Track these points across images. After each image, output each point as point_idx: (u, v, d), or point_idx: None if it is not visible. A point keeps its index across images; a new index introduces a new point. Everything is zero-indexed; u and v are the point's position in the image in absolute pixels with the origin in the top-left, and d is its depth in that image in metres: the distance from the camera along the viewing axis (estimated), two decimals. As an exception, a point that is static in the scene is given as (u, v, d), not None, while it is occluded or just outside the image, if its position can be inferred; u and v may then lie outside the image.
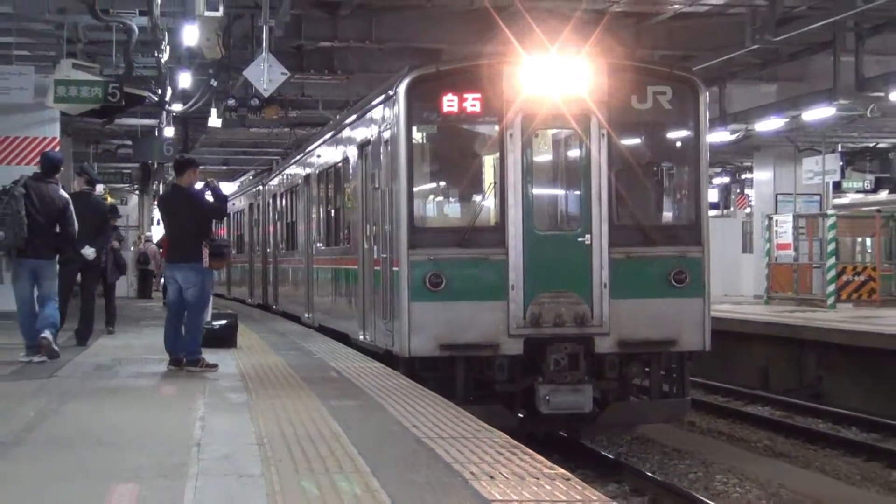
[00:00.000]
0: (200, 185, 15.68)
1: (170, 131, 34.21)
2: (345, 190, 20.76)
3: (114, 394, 12.90)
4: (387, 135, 16.44)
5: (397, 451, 9.12)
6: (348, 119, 20.47)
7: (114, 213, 20.52)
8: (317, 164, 24.09)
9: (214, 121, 31.48)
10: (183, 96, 30.68)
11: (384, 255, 16.62)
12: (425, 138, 16.25)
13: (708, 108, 16.79)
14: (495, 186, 15.64)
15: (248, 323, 23.84)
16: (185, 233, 15.18)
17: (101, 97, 24.05)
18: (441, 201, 16.98)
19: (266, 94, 22.23)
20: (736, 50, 24.15)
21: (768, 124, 32.78)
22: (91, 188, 18.90)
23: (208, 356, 15.18)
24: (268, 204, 33.17)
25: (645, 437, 18.61)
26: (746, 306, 34.55)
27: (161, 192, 35.01)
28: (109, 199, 33.56)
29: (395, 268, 15.81)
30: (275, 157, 44.08)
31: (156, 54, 24.84)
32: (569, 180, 16.31)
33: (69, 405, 11.89)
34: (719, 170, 53.98)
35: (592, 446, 17.39)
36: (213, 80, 27.90)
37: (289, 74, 20.97)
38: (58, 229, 15.84)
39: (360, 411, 11.32)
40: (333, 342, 19.64)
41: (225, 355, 16.49)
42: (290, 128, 37.42)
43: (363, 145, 18.45)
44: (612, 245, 15.52)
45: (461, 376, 15.33)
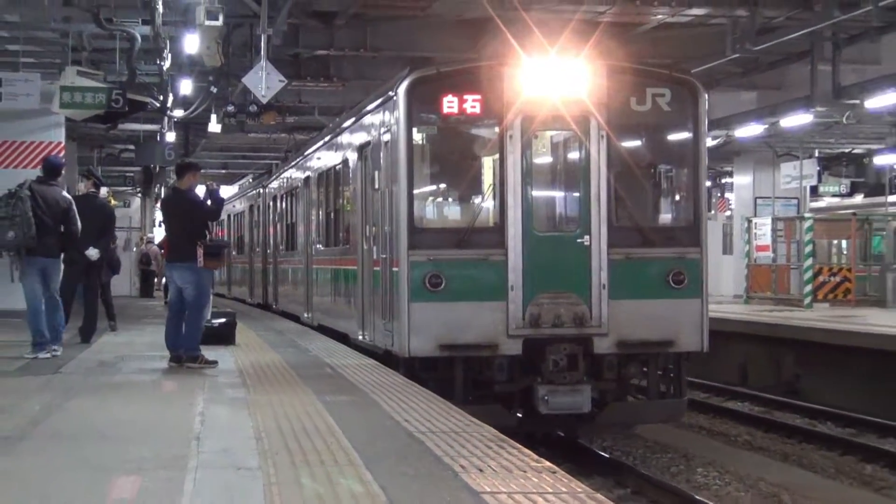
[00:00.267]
0: (202, 189, 15.67)
1: (171, 136, 34.15)
2: (344, 191, 20.40)
3: (116, 389, 12.89)
4: (387, 136, 16.12)
5: (390, 444, 9.12)
6: (348, 121, 20.12)
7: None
8: (316, 166, 23.71)
9: (214, 126, 31.41)
10: (184, 102, 30.69)
11: (384, 255, 16.28)
12: (425, 139, 15.91)
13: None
14: (495, 187, 15.30)
15: (247, 321, 23.81)
16: (181, 234, 15.28)
17: (105, 103, 24.01)
18: (441, 202, 16.64)
19: (264, 101, 22.19)
20: (717, 59, 24.17)
21: (748, 130, 32.82)
22: (96, 191, 18.92)
23: (208, 353, 15.16)
24: (268, 206, 32.91)
25: (629, 433, 18.50)
26: (726, 305, 34.54)
27: (163, 195, 34.97)
28: (113, 202, 33.50)
29: (394, 268, 15.48)
30: (273, 161, 43.99)
31: (158, 62, 24.83)
32: (568, 181, 16.00)
33: (73, 400, 11.89)
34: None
35: (583, 443, 17.15)
36: (212, 87, 27.90)
37: (286, 82, 20.97)
38: (62, 228, 16.03)
39: (354, 406, 11.31)
40: (329, 340, 19.61)
41: (224, 352, 16.48)
42: (288, 132, 37.39)
43: (363, 147, 18.13)
44: (611, 246, 15.20)
45: (460, 376, 14.98)
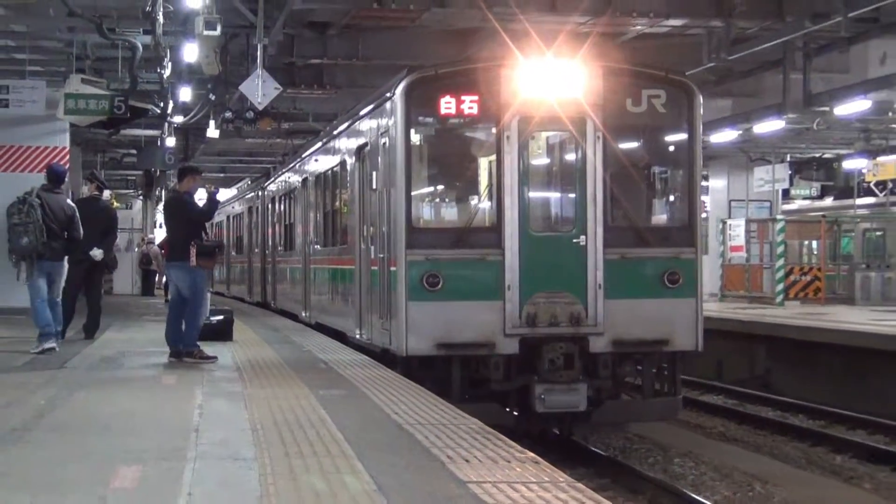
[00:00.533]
0: (203, 191, 15.62)
1: (171, 141, 34.14)
2: (342, 192, 19.97)
3: (119, 384, 12.88)
4: (385, 137, 15.68)
5: (380, 436, 9.13)
6: (345, 124, 19.65)
7: None
8: (314, 168, 23.29)
9: (213, 132, 31.37)
10: (183, 109, 30.69)
11: (381, 255, 15.84)
12: (423, 140, 15.42)
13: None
14: (492, 188, 14.88)
15: (245, 319, 23.76)
16: (176, 234, 15.45)
17: (108, 110, 24.04)
18: (438, 202, 16.21)
19: (260, 107, 22.22)
20: (693, 68, 24.12)
21: (723, 136, 32.81)
22: (99, 193, 18.92)
23: (206, 349, 15.16)
24: (266, 207, 32.60)
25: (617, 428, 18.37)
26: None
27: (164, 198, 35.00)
28: (115, 204, 33.47)
29: (392, 268, 15.08)
30: (269, 165, 43.97)
31: (158, 70, 24.82)
32: (564, 182, 15.54)
33: (77, 394, 11.87)
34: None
35: (578, 440, 16.68)
36: (211, 94, 27.90)
37: (281, 89, 20.97)
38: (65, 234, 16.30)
39: (345, 400, 11.32)
40: (323, 336, 19.57)
41: (222, 348, 16.46)
42: (284, 138, 37.29)
43: (360, 148, 17.68)
44: (606, 246, 14.74)
45: (457, 375, 14.54)
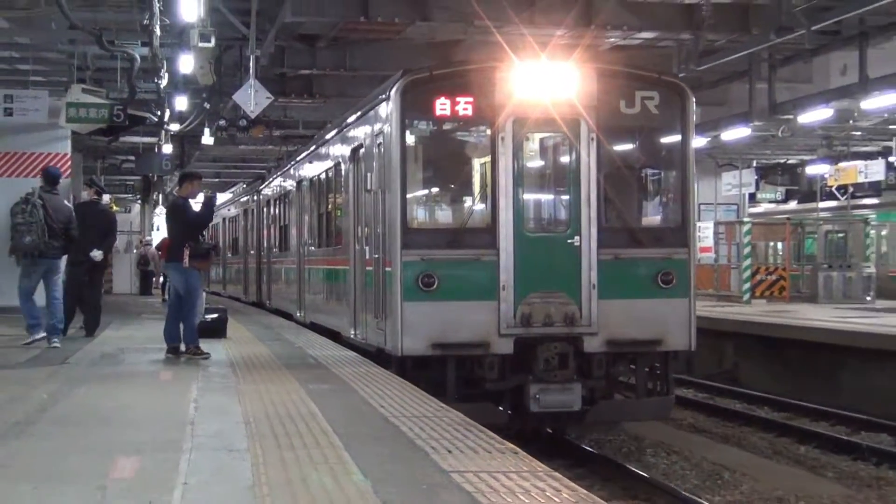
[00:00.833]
0: (202, 196, 15.56)
1: (168, 148, 34.12)
2: (337, 193, 19.30)
3: (118, 379, 12.86)
4: (380, 138, 15.03)
5: (367, 428, 9.13)
6: (340, 126, 18.98)
7: None
8: (309, 170, 22.71)
9: (207, 139, 31.39)
10: (179, 117, 30.73)
11: (376, 255, 15.19)
12: (418, 141, 14.78)
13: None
14: (487, 188, 14.28)
15: (239, 317, 23.72)
16: (173, 236, 15.37)
17: (108, 118, 24.01)
18: (433, 203, 15.47)
19: (253, 116, 22.25)
20: (664, 78, 24.24)
21: (693, 143, 32.85)
22: (99, 198, 18.88)
23: (201, 346, 15.08)
24: (262, 209, 32.07)
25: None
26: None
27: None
28: (115, 208, 33.42)
29: (387, 268, 14.41)
30: (261, 171, 43.94)
31: (155, 80, 24.80)
32: (558, 183, 14.91)
33: (79, 389, 11.85)
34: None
35: (571, 439, 16.16)
36: (206, 103, 27.96)
37: (273, 98, 20.99)
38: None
39: (334, 394, 11.31)
40: (313, 334, 19.52)
41: (216, 345, 16.41)
42: (281, 141, 37.24)
43: (356, 150, 16.98)
44: (600, 247, 14.17)
45: (452, 375, 13.89)
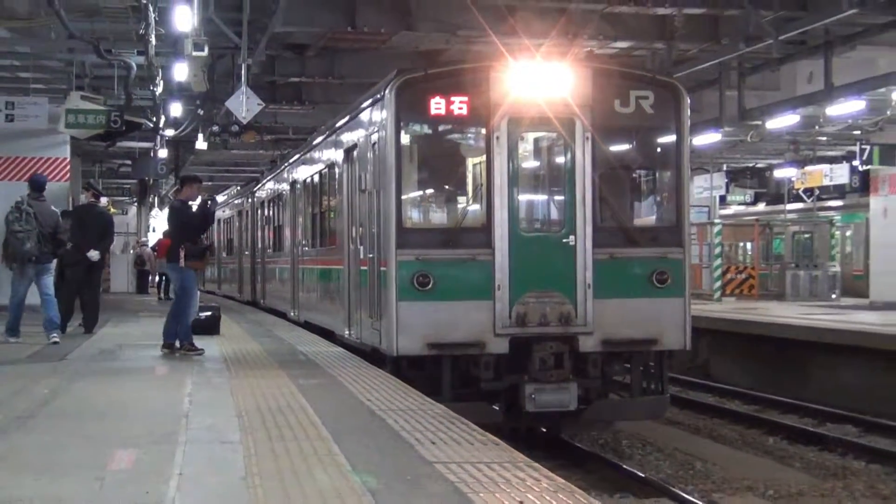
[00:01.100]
0: (201, 199, 15.47)
1: (163, 153, 34.01)
2: (331, 193, 18.76)
3: (116, 374, 12.83)
4: (375, 137, 14.45)
5: (354, 421, 9.12)
6: (333, 128, 18.35)
7: (65, 217, 18.50)
8: (303, 171, 22.30)
9: (201, 144, 31.24)
10: (174, 123, 30.59)
11: (371, 255, 14.65)
12: (413, 140, 14.17)
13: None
14: (482, 188, 13.74)
15: (232, 315, 23.63)
16: (172, 238, 15.38)
17: (105, 124, 23.98)
18: (428, 202, 14.83)
19: (244, 122, 22.12)
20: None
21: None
22: (96, 200, 18.84)
23: (195, 342, 15.03)
24: (256, 210, 31.81)
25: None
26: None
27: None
28: (112, 210, 33.29)
29: (382, 268, 13.88)
30: (253, 174, 43.85)
31: (151, 88, 24.69)
32: (554, 182, 14.39)
33: (77, 384, 11.83)
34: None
35: (565, 438, 15.68)
36: (199, 110, 27.86)
37: (263, 105, 20.87)
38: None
39: (323, 388, 11.30)
40: (303, 331, 19.50)
41: (210, 341, 16.38)
42: (272, 145, 37.08)
43: (350, 150, 16.41)
44: (595, 246, 13.66)
45: (448, 374, 13.41)
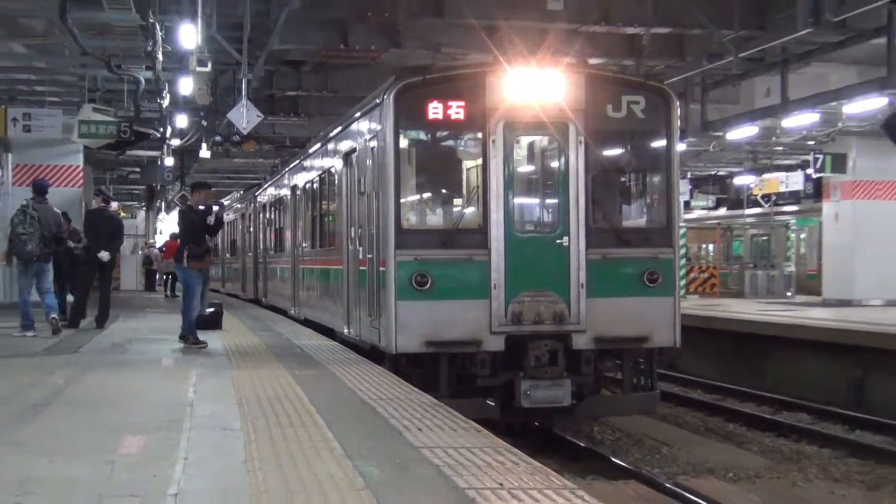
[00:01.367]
0: (209, 206, 15.44)
1: (169, 161, 34.03)
2: (331, 196, 18.33)
3: (125, 366, 12.86)
4: (374, 141, 14.16)
5: (347, 409, 9.16)
6: (332, 134, 18.00)
7: (65, 217, 18.62)
8: (302, 176, 22.04)
9: (205, 152, 31.26)
10: (180, 133, 30.60)
11: (370, 255, 14.26)
12: (411, 144, 13.80)
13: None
14: (478, 190, 13.43)
15: (234, 311, 23.67)
16: (181, 240, 15.38)
17: (115, 134, 24.00)
18: (426, 204, 14.44)
19: (245, 132, 22.18)
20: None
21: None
22: (106, 205, 18.85)
23: (199, 336, 15.08)
24: (258, 213, 31.52)
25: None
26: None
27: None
28: (122, 214, 33.28)
29: (381, 268, 13.51)
30: (253, 181, 43.83)
31: (158, 100, 24.69)
32: (548, 185, 14.10)
33: (90, 375, 11.85)
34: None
35: (558, 432, 15.41)
36: (203, 121, 27.88)
37: (263, 117, 20.90)
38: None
39: (318, 379, 11.32)
40: (300, 326, 19.50)
41: (213, 335, 16.42)
42: (272, 153, 36.99)
43: (349, 153, 16.03)
44: (588, 247, 13.37)
45: (445, 371, 13.10)
